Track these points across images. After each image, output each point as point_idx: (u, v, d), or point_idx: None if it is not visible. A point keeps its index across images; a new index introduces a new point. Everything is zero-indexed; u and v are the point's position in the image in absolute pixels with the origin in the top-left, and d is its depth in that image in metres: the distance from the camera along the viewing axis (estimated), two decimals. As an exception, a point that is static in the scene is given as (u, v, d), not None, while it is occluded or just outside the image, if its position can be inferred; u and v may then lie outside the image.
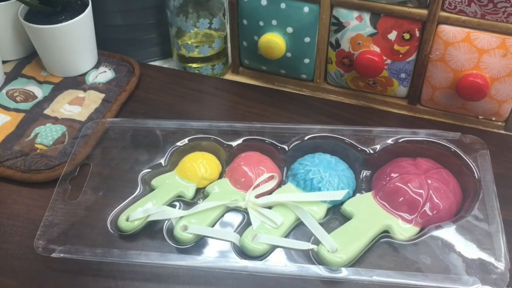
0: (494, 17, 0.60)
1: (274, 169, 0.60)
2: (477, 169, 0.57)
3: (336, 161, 0.59)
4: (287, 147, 0.62)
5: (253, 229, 0.54)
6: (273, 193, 0.58)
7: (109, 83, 0.75)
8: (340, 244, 0.52)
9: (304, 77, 0.75)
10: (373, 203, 0.56)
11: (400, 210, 0.55)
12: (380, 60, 0.66)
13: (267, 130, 0.63)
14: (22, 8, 0.73)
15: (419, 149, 0.60)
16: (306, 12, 0.67)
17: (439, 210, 0.54)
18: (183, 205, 0.58)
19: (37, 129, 0.68)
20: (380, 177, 0.58)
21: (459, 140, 0.60)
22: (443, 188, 0.55)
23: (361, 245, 0.52)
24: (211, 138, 0.63)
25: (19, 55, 0.79)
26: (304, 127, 0.63)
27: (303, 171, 0.58)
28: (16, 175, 0.62)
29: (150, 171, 0.61)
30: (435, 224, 0.54)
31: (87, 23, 0.73)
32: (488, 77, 0.63)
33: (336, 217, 0.56)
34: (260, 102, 0.73)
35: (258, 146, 0.62)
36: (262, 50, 0.70)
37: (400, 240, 0.53)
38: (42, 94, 0.73)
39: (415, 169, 0.57)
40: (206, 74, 0.78)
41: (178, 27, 0.75)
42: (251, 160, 0.60)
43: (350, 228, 0.54)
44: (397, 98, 0.72)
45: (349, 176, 0.59)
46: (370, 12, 0.65)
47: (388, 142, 0.61)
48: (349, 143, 0.61)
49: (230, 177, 0.59)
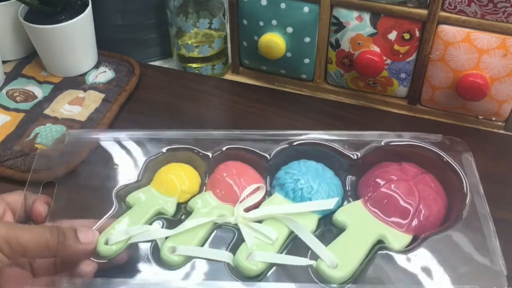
0: (494, 17, 0.60)
1: (258, 179, 0.56)
2: (462, 171, 0.55)
3: (322, 168, 0.57)
4: (269, 155, 0.58)
5: (247, 247, 0.50)
6: (261, 205, 0.54)
7: (109, 83, 0.75)
8: (339, 258, 0.49)
9: (304, 77, 0.75)
10: (364, 211, 0.54)
11: (392, 217, 0.53)
12: (380, 60, 0.66)
13: (247, 137, 0.59)
14: (22, 8, 0.73)
15: (403, 153, 0.58)
16: (306, 12, 0.67)
17: (429, 216, 0.53)
18: (166, 223, 0.53)
19: (37, 129, 0.68)
20: (368, 184, 0.56)
21: (441, 142, 0.58)
22: (431, 193, 0.54)
23: (360, 257, 0.50)
24: (187, 147, 0.58)
25: (19, 55, 0.79)
26: (285, 133, 0.59)
27: (291, 181, 0.55)
28: (16, 175, 0.62)
29: (124, 187, 0.55)
30: (428, 232, 0.52)
31: (87, 23, 0.73)
32: (488, 77, 0.63)
33: (329, 228, 0.53)
34: (260, 102, 0.73)
35: (238, 155, 0.58)
36: (262, 50, 0.70)
37: (395, 250, 0.51)
38: (42, 94, 0.73)
39: (402, 174, 0.55)
40: (206, 74, 0.78)
41: (178, 27, 0.75)
42: (233, 170, 0.56)
43: (346, 240, 0.51)
44: (397, 98, 0.72)
45: (337, 184, 0.56)
46: (370, 12, 0.65)
47: (372, 145, 0.58)
48: (333, 148, 0.58)
49: (213, 190, 0.55)
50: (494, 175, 0.62)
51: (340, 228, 0.53)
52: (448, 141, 0.58)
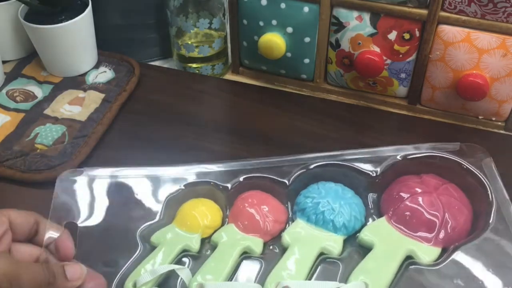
0: (494, 17, 0.60)
1: (279, 206, 0.56)
2: (485, 178, 0.55)
3: (342, 188, 0.56)
4: (288, 181, 0.57)
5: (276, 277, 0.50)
6: (284, 231, 0.54)
7: (109, 83, 0.75)
8: (369, 279, 0.49)
9: (304, 77, 0.75)
10: (389, 228, 0.53)
11: (419, 232, 0.52)
12: (380, 60, 0.66)
13: (262, 166, 0.58)
14: (22, 8, 0.73)
15: (423, 164, 0.57)
16: (306, 12, 0.67)
17: (456, 226, 0.52)
18: (192, 260, 0.53)
19: (37, 129, 0.68)
20: (390, 200, 0.55)
21: (460, 150, 0.57)
22: (456, 203, 0.54)
23: (391, 275, 0.50)
24: (206, 181, 0.58)
25: (19, 55, 0.79)
26: (301, 157, 0.58)
27: (311, 205, 0.54)
28: (16, 175, 0.62)
29: (146, 227, 0.55)
30: (457, 243, 0.51)
31: (87, 23, 0.73)
32: (488, 77, 0.63)
33: (355, 249, 0.53)
34: (260, 102, 0.73)
35: (256, 184, 0.57)
36: (262, 50, 0.70)
37: (425, 264, 0.50)
38: (42, 94, 0.73)
39: (424, 187, 0.55)
40: (206, 74, 0.78)
41: (178, 27, 0.75)
42: (253, 200, 0.56)
43: (375, 260, 0.51)
44: (397, 98, 0.72)
45: (358, 203, 0.56)
46: (370, 12, 0.65)
47: (390, 160, 0.57)
48: (351, 167, 0.58)
49: (236, 222, 0.55)
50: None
51: (366, 247, 0.53)
52: (467, 148, 0.57)
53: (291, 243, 0.53)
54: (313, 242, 0.53)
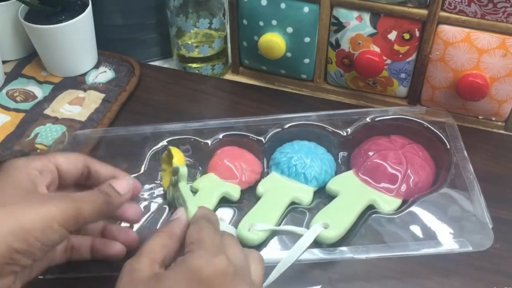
0: (494, 17, 0.60)
1: (254, 160, 0.61)
2: (447, 138, 0.59)
3: (314, 146, 0.61)
4: (264, 138, 0.62)
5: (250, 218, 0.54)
6: (259, 183, 0.58)
7: (109, 83, 0.75)
8: (331, 220, 0.53)
9: (304, 77, 0.75)
10: (355, 180, 0.58)
11: (382, 183, 0.57)
12: (380, 60, 0.66)
13: (241, 124, 0.63)
14: (22, 8, 0.73)
15: (390, 127, 0.62)
16: (306, 12, 0.67)
17: (418, 182, 0.57)
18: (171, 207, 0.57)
19: (37, 129, 0.68)
20: (359, 156, 0.60)
21: (426, 113, 0.62)
22: (419, 160, 0.58)
23: (351, 219, 0.54)
24: (190, 138, 0.63)
25: (19, 55, 0.79)
26: (277, 117, 0.63)
27: (285, 159, 0.59)
28: (16, 175, 0.62)
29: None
30: (416, 195, 0.56)
31: (87, 23, 0.73)
32: (488, 77, 0.64)
33: (323, 200, 0.57)
34: (260, 102, 0.73)
35: (234, 141, 0.63)
36: (262, 50, 0.70)
37: (385, 213, 0.54)
38: (42, 94, 0.73)
39: (391, 145, 0.59)
40: (206, 74, 0.78)
41: (178, 27, 0.75)
42: (231, 153, 0.61)
43: (338, 205, 0.55)
44: (397, 98, 0.72)
45: (329, 159, 0.60)
46: (370, 12, 0.65)
47: (360, 122, 0.62)
48: (324, 128, 0.62)
49: (214, 171, 0.60)
50: (494, 175, 0.62)
51: (333, 196, 0.57)
52: (432, 111, 0.63)
53: (265, 193, 0.57)
54: (285, 192, 0.57)
